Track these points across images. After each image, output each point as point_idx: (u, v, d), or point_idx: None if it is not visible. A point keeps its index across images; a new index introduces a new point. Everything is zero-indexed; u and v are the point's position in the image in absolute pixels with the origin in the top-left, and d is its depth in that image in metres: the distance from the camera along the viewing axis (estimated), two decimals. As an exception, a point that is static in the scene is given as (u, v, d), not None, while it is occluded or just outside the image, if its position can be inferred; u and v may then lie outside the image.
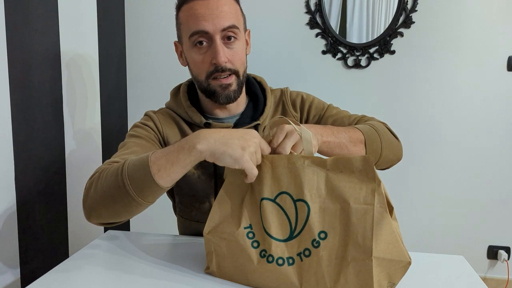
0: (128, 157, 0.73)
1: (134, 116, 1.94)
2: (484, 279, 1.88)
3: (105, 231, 0.94)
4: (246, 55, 0.91)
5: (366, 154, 0.82)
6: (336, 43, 1.82)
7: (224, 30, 0.81)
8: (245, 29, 0.91)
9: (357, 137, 0.80)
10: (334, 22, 1.82)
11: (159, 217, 1.97)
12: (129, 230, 1.98)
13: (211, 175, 0.91)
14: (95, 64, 1.60)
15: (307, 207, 0.61)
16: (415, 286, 0.68)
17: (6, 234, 1.13)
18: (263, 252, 0.65)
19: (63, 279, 0.70)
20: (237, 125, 0.91)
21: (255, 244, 0.66)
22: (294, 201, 0.62)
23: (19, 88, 1.15)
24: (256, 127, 0.91)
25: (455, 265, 0.78)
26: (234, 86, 0.86)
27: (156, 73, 1.95)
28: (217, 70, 0.83)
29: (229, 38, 0.83)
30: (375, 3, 1.79)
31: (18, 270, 1.17)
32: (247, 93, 0.98)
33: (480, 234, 1.88)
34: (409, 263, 0.60)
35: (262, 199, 0.65)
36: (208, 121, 0.90)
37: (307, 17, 1.83)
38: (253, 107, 0.96)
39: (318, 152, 0.76)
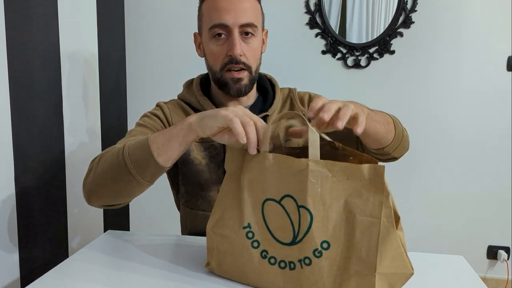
0: (129, 141, 0.76)
1: (134, 116, 1.94)
2: (484, 279, 1.88)
3: (105, 231, 0.94)
4: (261, 53, 0.95)
5: (395, 136, 0.86)
6: (336, 43, 1.82)
7: (243, 26, 0.85)
8: (263, 28, 0.95)
9: (387, 119, 0.85)
10: (334, 22, 1.82)
11: (159, 217, 1.97)
12: (129, 230, 1.99)
13: (219, 164, 0.92)
14: (95, 64, 1.60)
15: (310, 215, 0.59)
16: (415, 286, 0.68)
17: (6, 234, 1.13)
18: (264, 253, 0.64)
19: (63, 279, 0.70)
20: None
21: (255, 244, 0.65)
22: (298, 207, 0.60)
23: (19, 88, 1.15)
24: (265, 118, 0.94)
25: (455, 265, 0.78)
26: (245, 81, 0.89)
27: (156, 73, 1.95)
28: (232, 61, 0.86)
29: (246, 33, 0.87)
30: (375, 3, 1.79)
31: (18, 270, 1.17)
32: (257, 88, 1.01)
33: (480, 234, 1.88)
34: (412, 274, 0.59)
35: (267, 199, 0.63)
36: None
37: (307, 17, 1.83)
38: (262, 100, 1.00)
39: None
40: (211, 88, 0.98)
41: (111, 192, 0.74)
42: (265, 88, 1.00)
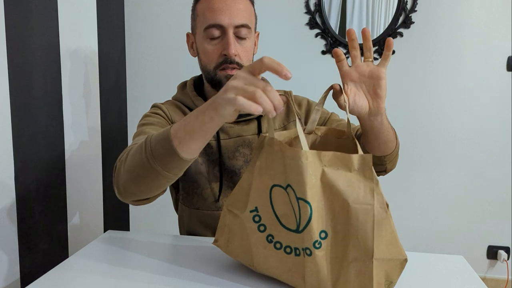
0: (150, 133, 0.72)
1: (134, 116, 1.94)
2: (484, 279, 1.88)
3: (105, 231, 0.94)
4: (253, 55, 0.95)
5: (396, 146, 0.87)
6: (335, 43, 1.82)
7: (237, 27, 0.86)
8: (255, 30, 0.95)
9: (392, 128, 0.86)
10: (333, 22, 1.82)
11: (159, 217, 1.97)
12: (129, 230, 1.99)
13: (215, 163, 0.93)
14: (95, 64, 1.60)
15: (310, 207, 0.59)
16: (415, 286, 0.68)
17: (6, 234, 1.13)
18: (270, 237, 0.64)
19: (63, 279, 0.70)
20: (240, 115, 0.94)
21: (262, 228, 0.65)
22: (297, 199, 0.61)
23: (19, 88, 1.15)
24: (258, 119, 0.96)
25: (455, 265, 0.78)
26: None
27: (156, 73, 1.95)
28: (226, 61, 0.87)
29: (240, 35, 0.88)
30: (374, 3, 1.79)
31: (18, 270, 1.17)
32: None
33: (480, 234, 1.88)
34: (406, 260, 0.60)
35: (274, 185, 0.63)
36: None
37: (306, 17, 1.83)
38: None
39: (370, 124, 0.78)
40: (205, 88, 0.98)
41: (143, 189, 0.72)
42: None
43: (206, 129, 0.63)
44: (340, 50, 0.76)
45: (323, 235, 0.60)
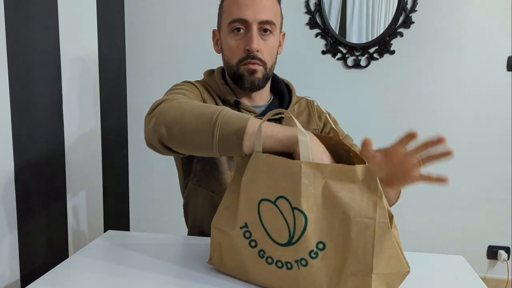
0: (224, 108, 0.71)
1: (134, 116, 1.94)
2: (484, 279, 1.88)
3: (105, 231, 0.94)
4: (277, 54, 0.98)
5: (394, 203, 0.85)
6: (336, 43, 1.82)
7: (262, 22, 0.88)
8: (281, 30, 0.98)
9: (396, 192, 0.85)
10: (334, 22, 1.82)
11: (159, 217, 1.97)
12: (129, 230, 1.99)
13: None
14: (95, 64, 1.60)
15: (304, 217, 0.58)
16: (415, 286, 0.68)
17: (6, 234, 1.13)
18: (261, 253, 0.64)
19: (63, 279, 0.70)
20: (263, 113, 0.96)
21: (253, 244, 0.65)
22: (292, 208, 0.59)
23: (19, 88, 1.15)
24: (280, 120, 0.97)
25: (455, 265, 0.78)
26: (259, 75, 0.91)
27: (156, 74, 1.95)
28: (249, 56, 0.89)
29: (265, 30, 0.90)
30: (375, 3, 1.79)
31: (18, 270, 1.17)
32: (273, 92, 1.04)
33: (480, 234, 1.88)
34: (408, 272, 0.59)
35: (262, 199, 0.62)
36: (238, 100, 0.95)
37: (306, 17, 1.83)
38: (278, 102, 1.02)
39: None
40: (228, 83, 1.00)
41: (183, 141, 0.70)
42: (282, 92, 1.02)
43: (280, 145, 0.64)
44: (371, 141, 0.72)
45: (320, 246, 0.59)
